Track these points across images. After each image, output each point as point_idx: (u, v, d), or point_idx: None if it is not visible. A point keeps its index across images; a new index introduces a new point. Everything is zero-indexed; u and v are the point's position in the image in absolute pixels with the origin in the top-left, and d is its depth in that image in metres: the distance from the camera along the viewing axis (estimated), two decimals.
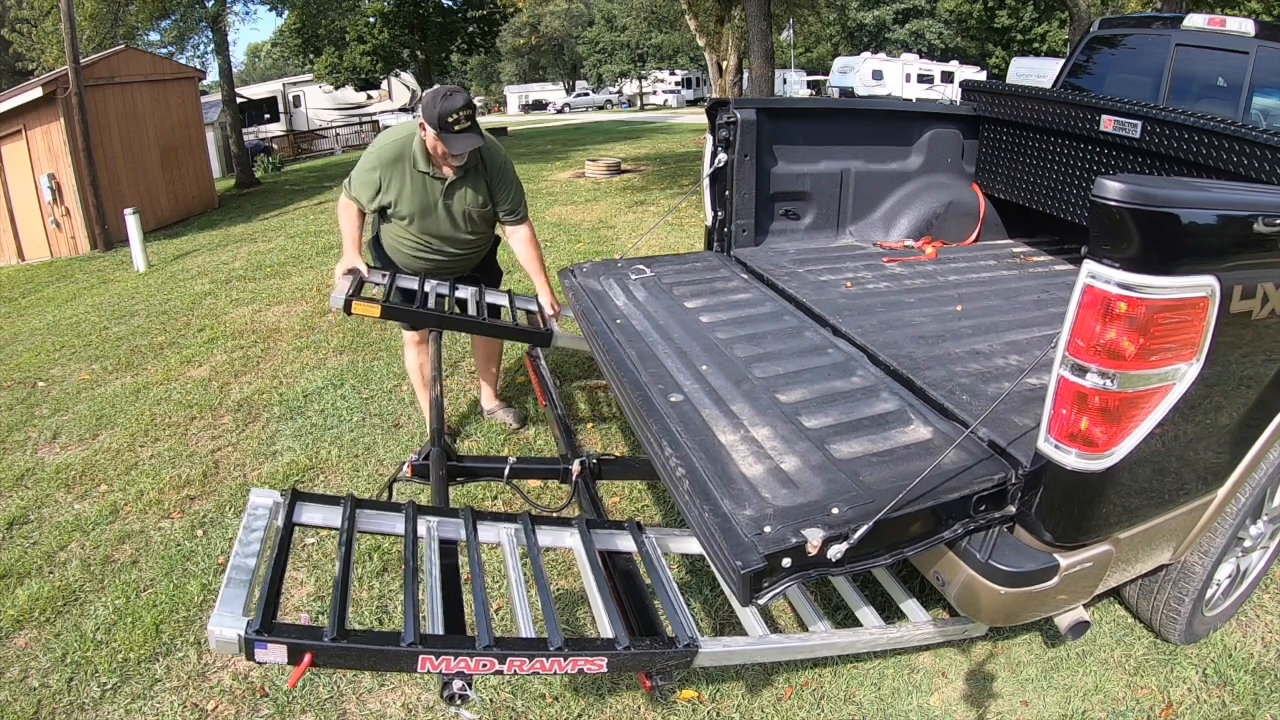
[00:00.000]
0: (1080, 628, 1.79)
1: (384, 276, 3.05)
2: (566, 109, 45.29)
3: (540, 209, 9.16)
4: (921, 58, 32.80)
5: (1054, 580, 1.61)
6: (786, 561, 1.43)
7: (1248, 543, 2.11)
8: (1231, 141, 2.38)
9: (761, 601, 1.44)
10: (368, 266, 3.06)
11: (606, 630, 1.61)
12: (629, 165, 12.96)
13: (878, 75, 29.28)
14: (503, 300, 3.18)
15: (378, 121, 26.05)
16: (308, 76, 25.71)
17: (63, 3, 10.53)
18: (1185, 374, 1.45)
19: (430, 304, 2.95)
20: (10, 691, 2.25)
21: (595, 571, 1.77)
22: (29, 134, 10.71)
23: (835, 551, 1.46)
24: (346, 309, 2.76)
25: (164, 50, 17.22)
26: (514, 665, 1.50)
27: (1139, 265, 1.33)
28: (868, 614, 2.00)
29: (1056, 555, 1.61)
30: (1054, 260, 3.20)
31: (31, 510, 3.26)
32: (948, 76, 29.19)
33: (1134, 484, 1.58)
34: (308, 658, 1.39)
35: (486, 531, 1.89)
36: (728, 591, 1.79)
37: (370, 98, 28.95)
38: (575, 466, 2.39)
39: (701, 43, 17.15)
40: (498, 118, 42.01)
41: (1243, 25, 3.49)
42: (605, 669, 1.55)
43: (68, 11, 10.49)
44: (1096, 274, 1.37)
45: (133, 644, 2.38)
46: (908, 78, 29.08)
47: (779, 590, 1.45)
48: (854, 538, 1.45)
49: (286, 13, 20.73)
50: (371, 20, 21.96)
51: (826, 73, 35.24)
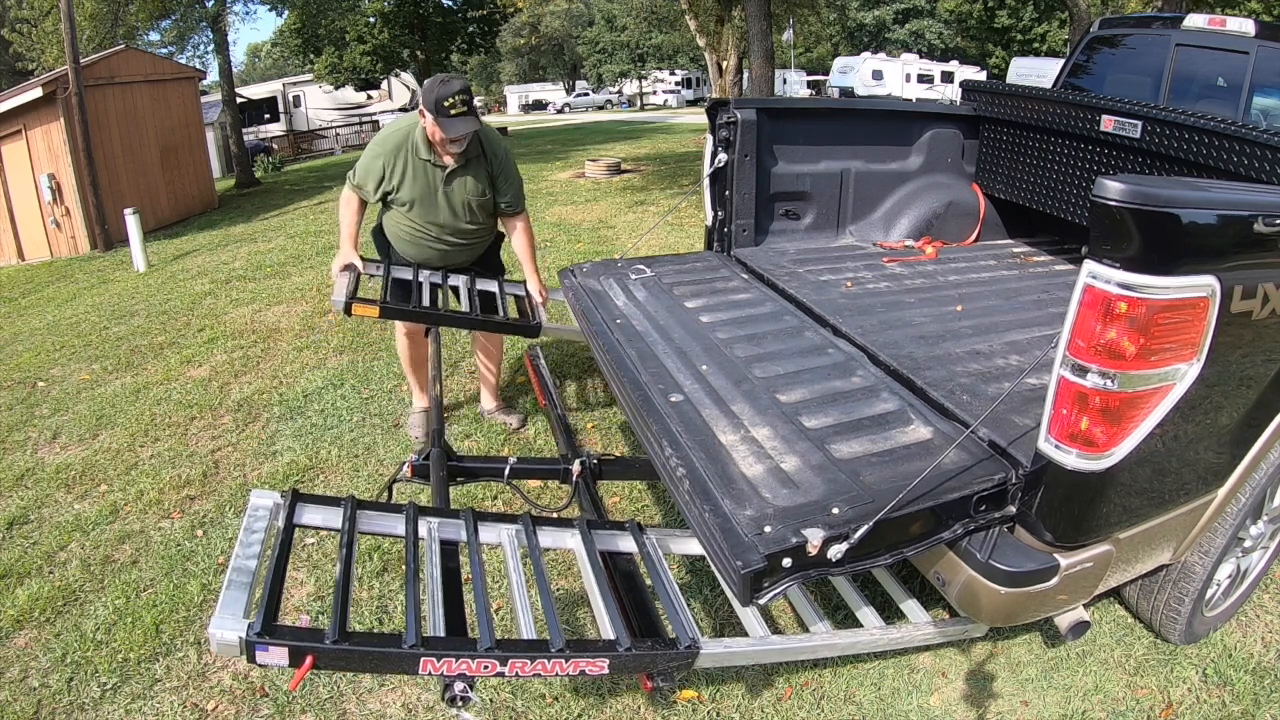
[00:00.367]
0: (1080, 628, 1.79)
1: (379, 268, 3.13)
2: (566, 109, 45.30)
3: (540, 209, 9.15)
4: (921, 58, 32.79)
5: (1054, 580, 1.61)
6: (787, 561, 1.43)
7: (1248, 543, 2.11)
8: (1231, 141, 2.38)
9: (762, 601, 1.44)
10: (363, 259, 3.13)
11: (608, 631, 1.61)
12: (629, 165, 12.96)
13: (878, 75, 29.27)
14: (493, 287, 3.27)
15: (378, 121, 26.05)
16: (308, 76, 25.71)
17: (63, 3, 10.53)
18: (1185, 374, 1.46)
19: (425, 293, 3.03)
20: (10, 691, 2.25)
21: (596, 572, 1.77)
22: (29, 134, 10.71)
23: (835, 551, 1.46)
24: (347, 311, 2.84)
25: (164, 50, 17.24)
26: (515, 667, 1.50)
27: (1139, 265, 1.33)
28: (868, 614, 2.00)
29: (1057, 555, 1.61)
30: (1054, 260, 3.20)
31: (31, 510, 3.26)
32: (948, 76, 29.19)
33: (1134, 484, 1.58)
34: (309, 660, 1.39)
35: (487, 532, 1.89)
36: (728, 591, 1.79)
37: (370, 98, 28.94)
38: (575, 466, 2.39)
39: (701, 43, 17.13)
40: (498, 118, 42.00)
41: (1243, 25, 3.48)
42: (607, 670, 1.55)
43: (68, 11, 10.49)
44: (1097, 274, 1.37)
45: (133, 644, 2.38)
46: (908, 78, 29.08)
47: (779, 590, 1.45)
48: (854, 538, 1.45)
49: (286, 13, 20.72)
50: (371, 20, 21.96)
51: (826, 73, 35.24)
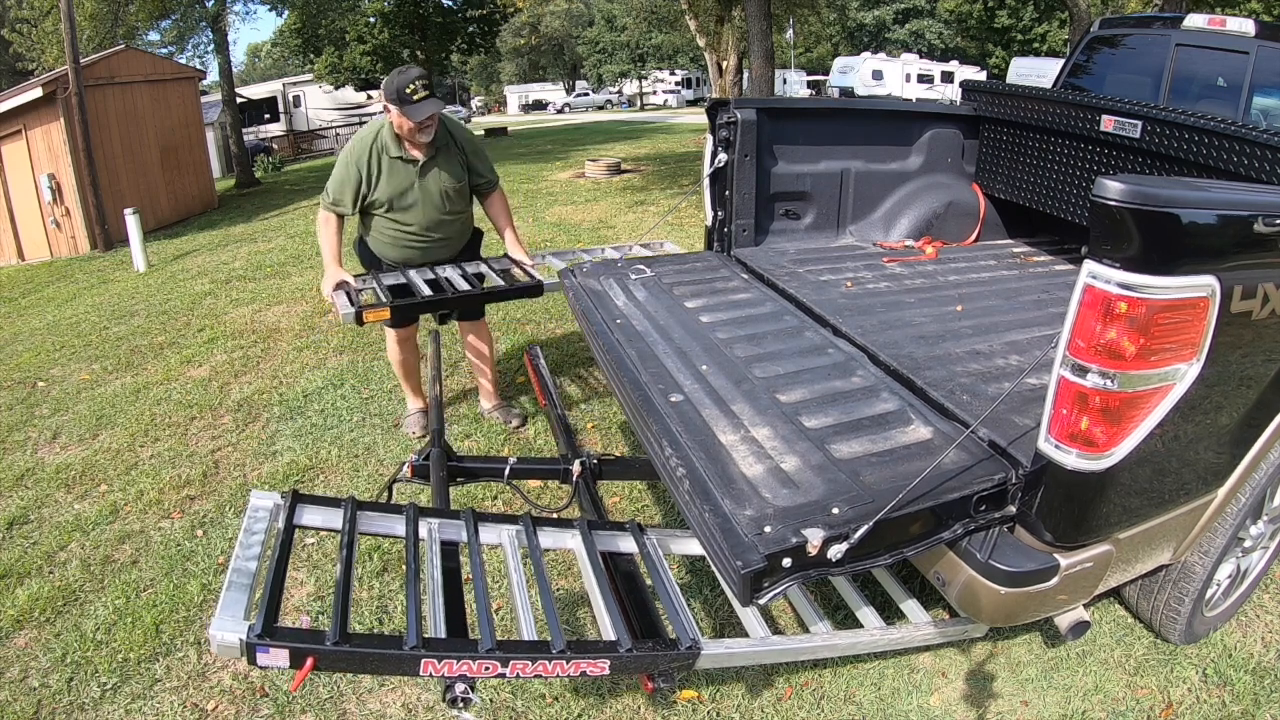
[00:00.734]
0: (1080, 628, 1.79)
1: (367, 280, 3.14)
2: (566, 109, 45.30)
3: (540, 209, 9.16)
4: (921, 58, 32.78)
5: (1054, 580, 1.61)
6: (787, 561, 1.43)
7: (1248, 543, 2.11)
8: (1231, 141, 2.38)
9: (762, 602, 1.44)
10: (353, 275, 3.14)
11: (608, 632, 1.61)
12: (629, 165, 12.96)
13: (878, 75, 29.27)
14: (482, 267, 3.33)
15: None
16: (308, 76, 25.72)
17: (63, 3, 10.53)
18: (1185, 374, 1.45)
19: (425, 292, 3.04)
20: (10, 691, 2.25)
21: (597, 573, 1.77)
22: (29, 134, 10.71)
23: (835, 551, 1.45)
24: (359, 321, 2.84)
25: (164, 50, 17.24)
26: (516, 668, 1.50)
27: (1139, 265, 1.33)
28: (868, 614, 2.00)
29: (1057, 555, 1.61)
30: (1054, 260, 3.20)
31: (31, 510, 3.26)
32: (948, 76, 29.18)
33: (1134, 484, 1.58)
34: (310, 662, 1.39)
35: (488, 533, 1.89)
36: (728, 592, 1.79)
37: (370, 98, 28.85)
38: (576, 467, 2.39)
39: (701, 43, 17.15)
40: (498, 118, 42.05)
41: (1243, 25, 3.48)
42: (608, 671, 1.55)
43: (68, 11, 10.49)
44: (1097, 274, 1.37)
45: (133, 644, 2.38)
46: (908, 78, 29.07)
47: (779, 590, 1.44)
48: (854, 538, 1.45)
49: (286, 13, 20.75)
50: (371, 20, 21.97)
51: (826, 73, 35.23)
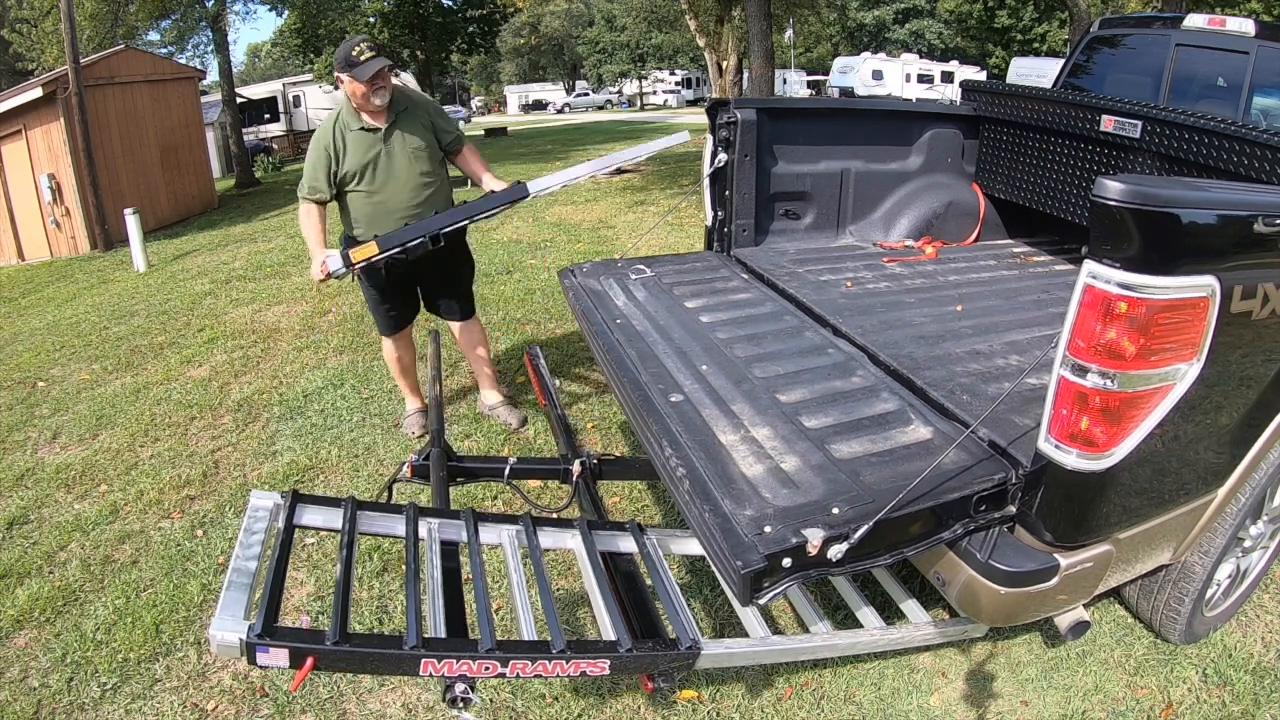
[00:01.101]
0: (1080, 628, 1.79)
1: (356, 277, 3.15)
2: (566, 109, 45.32)
3: (540, 209, 9.16)
4: (921, 58, 32.78)
5: (1054, 580, 1.61)
6: (787, 561, 1.43)
7: (1248, 543, 2.11)
8: (1231, 141, 2.38)
9: (762, 602, 1.44)
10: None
11: (609, 632, 1.61)
12: (629, 165, 12.95)
13: (878, 75, 29.26)
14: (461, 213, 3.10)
15: None
16: (308, 76, 25.67)
17: (63, 3, 10.53)
18: (1185, 374, 1.45)
19: (410, 239, 2.91)
20: (10, 691, 2.25)
21: (597, 573, 1.77)
22: (29, 134, 10.70)
23: (835, 551, 1.45)
24: (346, 263, 2.90)
25: (164, 50, 17.25)
26: (516, 668, 1.50)
27: (1139, 265, 1.33)
28: (868, 614, 2.00)
29: (1057, 555, 1.61)
30: (1054, 260, 3.20)
31: (31, 510, 3.26)
32: (948, 76, 29.18)
33: (1134, 484, 1.58)
34: (310, 662, 1.39)
35: (488, 533, 1.89)
36: (728, 592, 1.79)
37: None
38: (576, 467, 2.39)
39: (701, 43, 17.16)
40: (497, 118, 42.06)
41: (1243, 25, 3.48)
42: (608, 671, 1.55)
43: (68, 11, 10.49)
44: (1097, 274, 1.37)
45: (133, 644, 2.38)
46: (908, 78, 29.07)
47: (779, 590, 1.44)
48: (854, 538, 1.45)
49: (286, 13, 20.75)
50: (371, 20, 22.00)
51: (826, 73, 35.23)
